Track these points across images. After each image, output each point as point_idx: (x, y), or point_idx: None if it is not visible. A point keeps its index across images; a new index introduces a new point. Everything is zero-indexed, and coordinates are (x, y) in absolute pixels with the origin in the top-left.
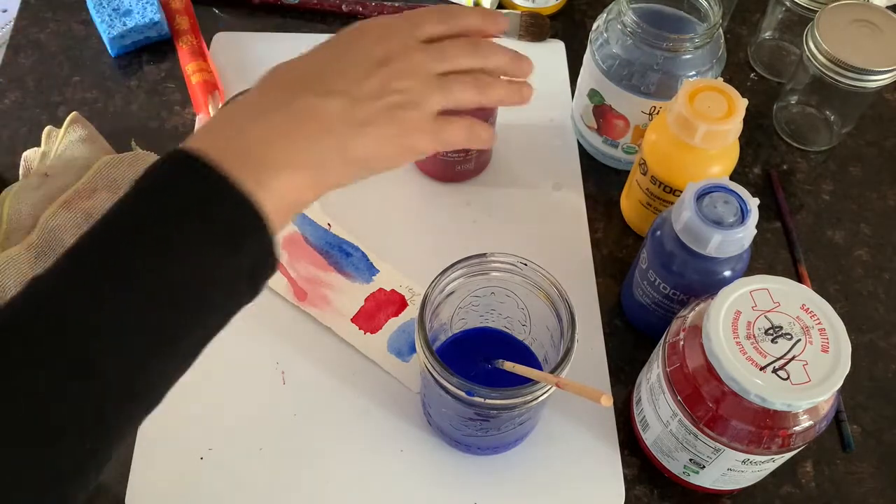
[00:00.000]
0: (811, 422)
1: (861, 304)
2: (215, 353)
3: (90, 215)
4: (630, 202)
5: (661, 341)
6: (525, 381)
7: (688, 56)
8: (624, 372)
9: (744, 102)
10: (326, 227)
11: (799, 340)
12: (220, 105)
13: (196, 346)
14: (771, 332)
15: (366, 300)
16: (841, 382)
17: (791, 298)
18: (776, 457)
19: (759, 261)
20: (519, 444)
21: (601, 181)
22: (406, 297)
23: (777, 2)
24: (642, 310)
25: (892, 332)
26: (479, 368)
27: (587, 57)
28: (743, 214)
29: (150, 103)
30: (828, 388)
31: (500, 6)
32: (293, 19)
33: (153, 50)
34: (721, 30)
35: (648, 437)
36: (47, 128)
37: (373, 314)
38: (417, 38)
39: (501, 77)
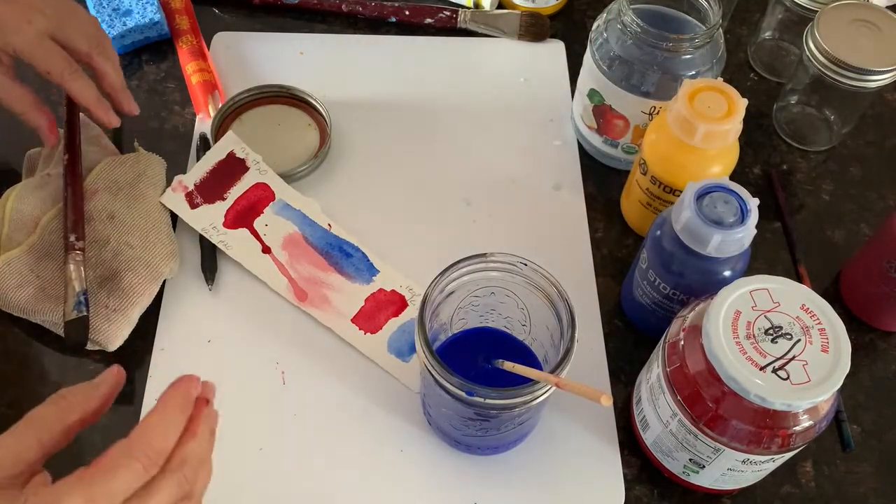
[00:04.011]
0: (811, 422)
1: None
2: (216, 354)
3: (91, 216)
4: (630, 202)
5: (661, 341)
6: (525, 381)
7: (688, 56)
8: (624, 372)
9: (744, 102)
10: (327, 227)
11: (799, 340)
12: (220, 104)
13: None
14: (771, 332)
15: (366, 300)
16: (841, 382)
17: (791, 298)
18: (776, 457)
19: (759, 261)
20: (519, 444)
21: (601, 181)
22: (406, 297)
23: (777, 2)
24: (642, 310)
25: (893, 333)
26: (479, 368)
27: (587, 57)
28: (743, 214)
29: (150, 103)
30: (828, 388)
31: (501, 6)
32: (293, 19)
33: (153, 50)
34: (721, 30)
35: (648, 437)
36: None
37: (373, 314)
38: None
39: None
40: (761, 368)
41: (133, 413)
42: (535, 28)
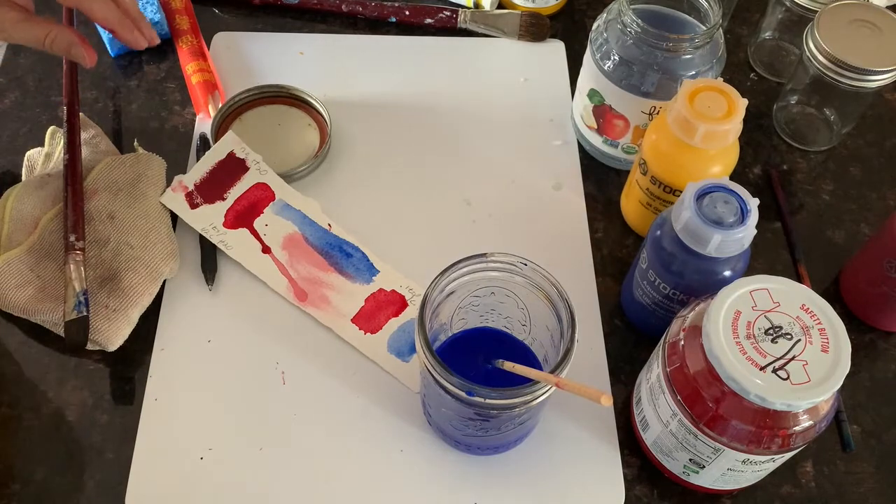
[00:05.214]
0: (811, 422)
1: None
2: (216, 354)
3: (91, 216)
4: (630, 202)
5: (661, 341)
6: (525, 381)
7: (688, 56)
8: (624, 372)
9: (744, 102)
10: (327, 227)
11: (799, 340)
12: (220, 104)
13: None
14: (771, 332)
15: (366, 300)
16: (841, 382)
17: (791, 298)
18: (776, 457)
19: (759, 261)
20: (519, 444)
21: (601, 181)
22: (406, 297)
23: (777, 2)
24: (642, 310)
25: (893, 333)
26: (479, 368)
27: (587, 57)
28: (743, 214)
29: (150, 103)
30: (828, 388)
31: (501, 6)
32: (293, 19)
33: (153, 50)
34: (721, 30)
35: (648, 437)
36: (51, 128)
37: (373, 314)
38: None
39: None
40: (761, 368)
41: (133, 413)
42: (535, 28)
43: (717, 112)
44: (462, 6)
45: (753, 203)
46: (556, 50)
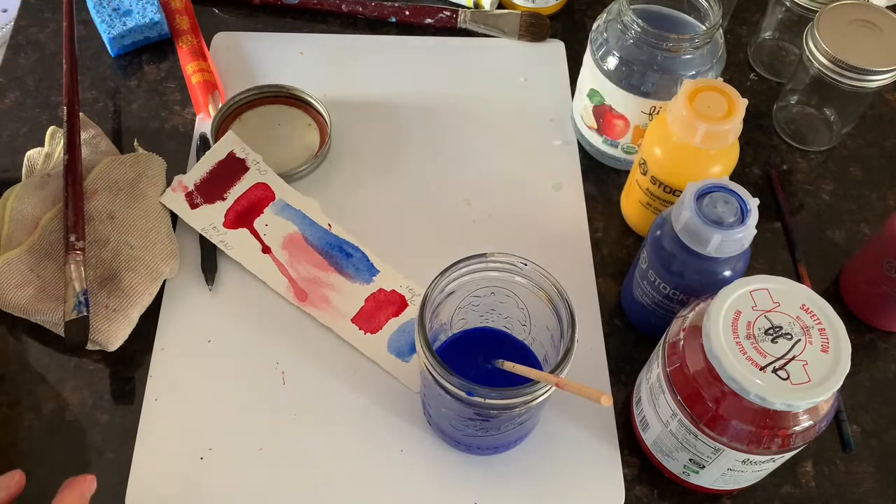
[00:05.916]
0: (811, 422)
1: None
2: (216, 354)
3: (91, 216)
4: (630, 202)
5: (661, 341)
6: (525, 381)
7: (688, 56)
8: (624, 372)
9: (744, 102)
10: (327, 227)
11: (799, 340)
12: (220, 104)
13: None
14: (771, 332)
15: (366, 300)
16: (841, 382)
17: (791, 298)
18: (776, 457)
19: (759, 261)
20: (519, 444)
21: (601, 181)
22: (406, 297)
23: (777, 2)
24: (642, 310)
25: (893, 333)
26: (479, 368)
27: (587, 57)
28: (743, 214)
29: (150, 103)
30: (828, 388)
31: (501, 6)
32: (293, 19)
33: (153, 50)
34: (721, 30)
35: (648, 437)
36: (51, 128)
37: (373, 314)
38: None
39: None
40: (761, 368)
41: (133, 413)
42: (535, 28)
43: (717, 112)
44: (462, 6)
45: (753, 203)
46: (556, 50)
